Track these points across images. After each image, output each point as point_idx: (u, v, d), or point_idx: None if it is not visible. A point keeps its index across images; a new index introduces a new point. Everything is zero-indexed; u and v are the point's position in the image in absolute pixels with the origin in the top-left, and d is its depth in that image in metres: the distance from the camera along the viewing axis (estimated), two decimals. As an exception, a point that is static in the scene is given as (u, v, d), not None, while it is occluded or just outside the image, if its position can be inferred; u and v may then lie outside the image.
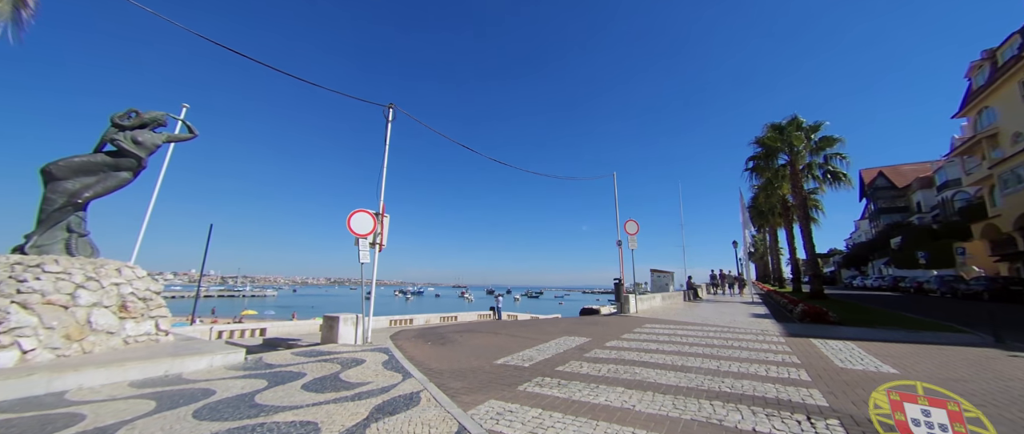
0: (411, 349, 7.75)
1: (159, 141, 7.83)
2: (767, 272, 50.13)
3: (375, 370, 5.82)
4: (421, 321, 18.78)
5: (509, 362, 6.42)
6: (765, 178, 25.62)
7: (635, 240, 15.81)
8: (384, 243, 9.77)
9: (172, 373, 5.54)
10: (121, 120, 7.35)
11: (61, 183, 6.68)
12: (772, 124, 24.07)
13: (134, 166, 7.41)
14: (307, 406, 4.17)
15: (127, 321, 6.38)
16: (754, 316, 13.62)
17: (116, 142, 7.17)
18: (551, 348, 7.64)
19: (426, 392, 4.63)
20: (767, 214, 33.62)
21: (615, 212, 17.74)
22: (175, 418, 3.81)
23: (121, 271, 6.69)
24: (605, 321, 12.90)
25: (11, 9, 4.47)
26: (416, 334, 10.56)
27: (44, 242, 6.49)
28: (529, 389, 4.81)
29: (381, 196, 9.92)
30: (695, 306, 19.05)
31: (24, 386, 4.45)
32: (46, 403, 4.24)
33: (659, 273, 24.67)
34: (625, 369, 5.74)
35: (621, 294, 15.64)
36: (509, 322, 16.62)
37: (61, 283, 5.78)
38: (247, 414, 3.92)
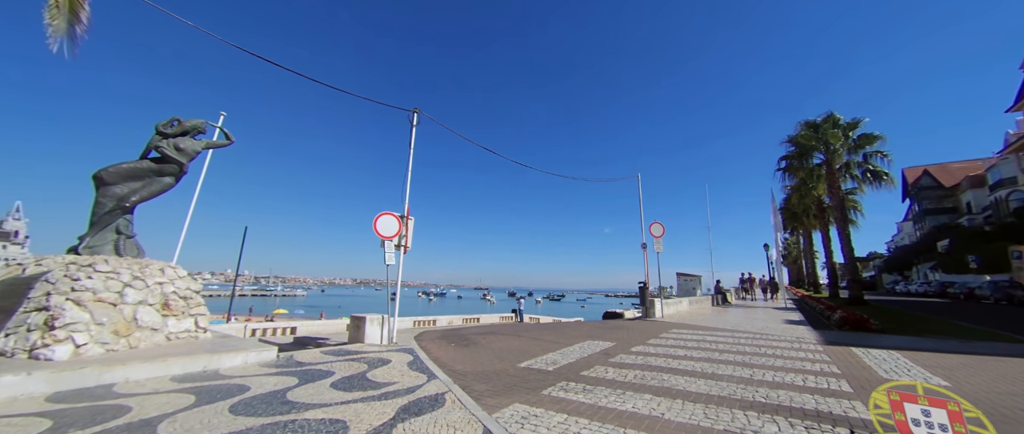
0: (435, 350, 7.82)
1: (199, 148, 8.23)
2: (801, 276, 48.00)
3: (401, 370, 5.89)
4: (444, 322, 18.97)
5: (533, 365, 6.37)
6: (799, 178, 24.55)
7: (661, 243, 15.45)
8: (409, 245, 9.92)
9: (210, 369, 5.79)
10: (165, 128, 7.77)
11: (111, 188, 7.12)
12: (806, 122, 23.07)
13: (176, 172, 7.82)
14: (336, 404, 4.26)
15: (169, 318, 6.71)
16: (788, 322, 13.05)
17: (160, 149, 7.59)
18: (575, 352, 7.54)
19: (451, 394, 4.64)
20: (801, 216, 32.21)
21: (639, 214, 17.41)
22: (213, 412, 3.97)
23: (164, 271, 7.06)
24: (630, 325, 12.65)
25: (66, 26, 4.79)
26: (440, 335, 10.65)
27: (95, 243, 6.92)
28: (554, 393, 4.75)
29: (406, 199, 10.08)
30: (724, 311, 18.43)
31: (77, 378, 4.75)
32: (96, 395, 4.50)
33: (686, 277, 24.03)
34: (652, 375, 5.60)
35: (646, 298, 15.30)
36: (531, 325, 16.55)
37: (110, 282, 6.14)
38: (279, 410, 4.04)
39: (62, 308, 5.47)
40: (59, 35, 4.80)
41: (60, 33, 4.79)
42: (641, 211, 17.40)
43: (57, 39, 4.74)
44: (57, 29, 4.76)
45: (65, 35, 4.85)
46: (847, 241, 21.16)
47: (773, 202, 24.46)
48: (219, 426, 3.61)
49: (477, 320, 20.80)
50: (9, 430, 3.43)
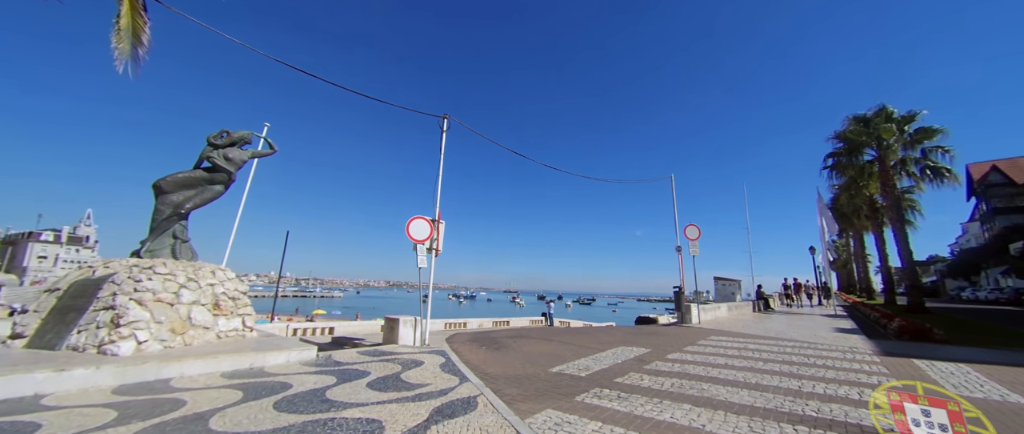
0: (466, 353, 7.87)
1: (246, 157, 8.73)
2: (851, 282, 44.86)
3: (433, 372, 5.97)
4: (474, 325, 19.10)
5: (565, 371, 6.28)
6: (848, 177, 22.98)
7: (697, 246, 14.89)
8: (440, 249, 10.07)
9: (256, 366, 6.09)
10: (215, 140, 8.30)
11: (168, 196, 7.67)
12: (855, 116, 21.58)
13: (226, 180, 8.33)
14: (372, 404, 4.36)
15: (219, 318, 7.13)
16: (839, 331, 12.20)
17: (211, 159, 8.11)
18: (608, 358, 7.37)
19: (483, 397, 4.64)
20: (851, 217, 30.11)
21: (673, 216, 16.88)
22: (259, 408, 4.16)
23: (215, 273, 7.51)
24: (664, 332, 12.24)
25: (130, 49, 5.18)
26: (470, 338, 10.72)
27: (155, 247, 7.47)
28: (587, 400, 4.65)
29: (437, 203, 10.25)
30: (767, 318, 17.50)
31: (139, 373, 5.12)
32: (156, 388, 4.84)
33: (724, 281, 23.03)
34: (691, 384, 5.37)
35: (681, 303, 14.77)
36: (562, 329, 16.37)
37: (168, 283, 6.60)
38: (319, 408, 4.18)
39: (126, 307, 5.92)
40: (124, 58, 5.20)
41: (124, 56, 5.19)
42: (675, 213, 16.87)
43: (122, 61, 5.14)
44: (122, 52, 5.16)
45: (129, 57, 5.25)
46: (904, 243, 19.57)
47: (820, 202, 23.02)
48: (264, 422, 3.77)
49: (507, 323, 20.81)
50: (81, 419, 3.74)
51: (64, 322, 5.99)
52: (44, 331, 6.00)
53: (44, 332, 5.99)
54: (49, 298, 6.51)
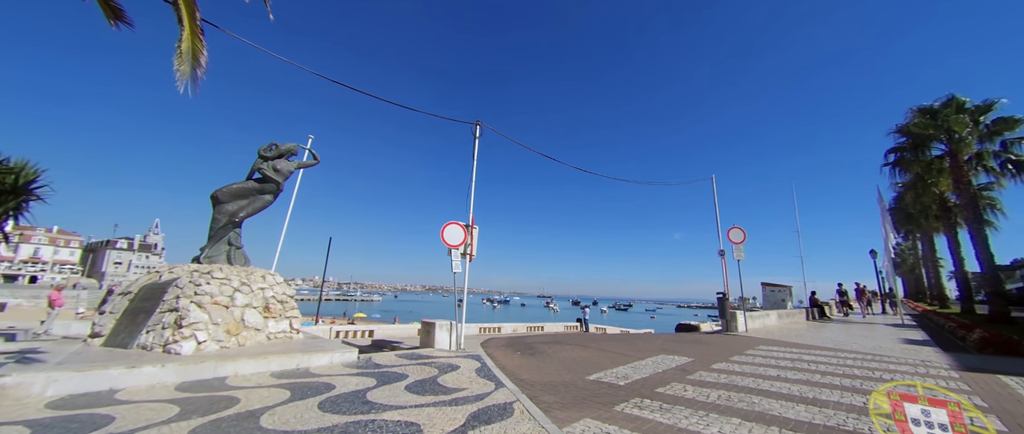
0: (501, 358, 7.84)
1: (292, 168, 9.23)
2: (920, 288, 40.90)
3: (469, 377, 5.98)
4: (509, 330, 19.09)
5: (602, 379, 6.10)
6: (913, 173, 21.02)
7: (742, 250, 14.12)
8: (474, 254, 10.15)
9: (302, 367, 6.36)
10: (265, 152, 8.83)
11: (224, 206, 8.23)
12: (920, 108, 19.76)
13: (274, 190, 8.83)
14: (410, 407, 4.42)
15: (269, 320, 7.53)
16: (908, 342, 11.12)
17: (262, 171, 8.63)
18: (648, 366, 7.09)
19: (519, 404, 4.59)
20: (918, 217, 27.47)
21: (715, 219, 16.13)
22: (305, 408, 4.33)
23: (265, 277, 7.95)
24: (708, 340, 11.67)
25: (190, 70, 5.58)
26: (505, 343, 10.70)
27: (213, 253, 8.02)
28: (627, 410, 4.48)
29: (470, 208, 10.35)
30: (822, 327, 16.28)
31: (197, 370, 5.48)
32: (213, 386, 5.15)
33: (773, 287, 21.68)
34: (740, 397, 5.05)
35: (726, 310, 14.03)
36: (598, 335, 16.01)
37: (224, 287, 7.06)
38: (360, 410, 4.29)
39: (188, 309, 6.38)
40: (185, 79, 5.61)
41: (185, 77, 5.60)
42: (717, 215, 16.12)
43: (183, 82, 5.55)
44: (182, 74, 5.58)
45: (189, 78, 5.65)
46: (983, 245, 17.58)
47: (881, 202, 21.21)
48: (310, 421, 3.91)
49: (541, 328, 20.64)
50: (148, 413, 4.04)
51: (135, 323, 6.54)
52: (118, 331, 6.58)
53: (118, 332, 6.57)
54: (122, 300, 7.14)
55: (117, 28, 5.54)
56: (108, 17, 5.43)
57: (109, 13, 5.42)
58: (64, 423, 3.72)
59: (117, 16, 5.48)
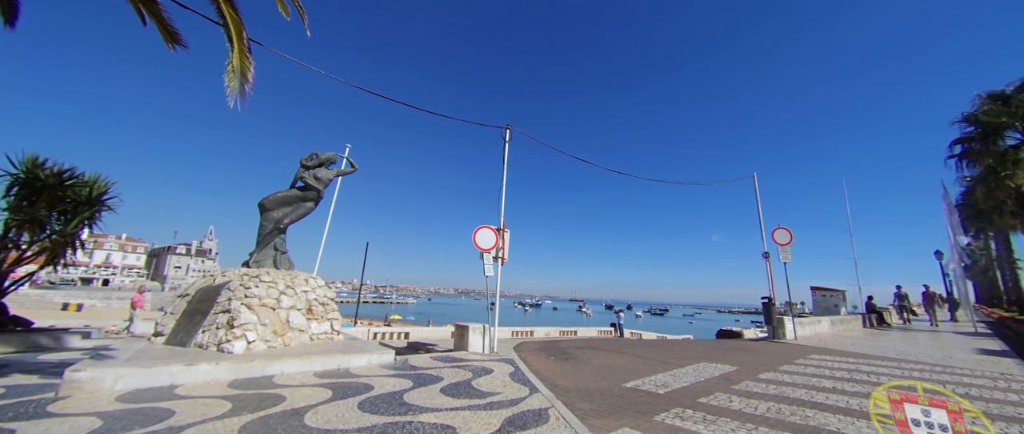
0: (535, 362, 7.78)
1: (331, 176, 9.62)
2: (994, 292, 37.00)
3: (503, 381, 5.96)
4: (541, 334, 18.97)
5: (640, 386, 5.90)
6: (984, 166, 19.06)
7: (788, 251, 13.32)
8: (506, 257, 10.16)
9: (342, 367, 6.58)
10: (306, 161, 9.26)
11: (270, 213, 8.68)
12: (990, 93, 17.97)
13: (315, 197, 9.24)
14: (446, 410, 4.45)
15: (312, 322, 7.85)
16: (983, 352, 10.06)
17: (304, 179, 9.05)
18: (688, 375, 6.80)
19: (554, 410, 4.51)
20: (990, 214, 24.86)
21: (758, 219, 15.33)
22: (346, 407, 4.46)
23: (308, 281, 8.31)
24: (752, 347, 11.07)
25: (239, 86, 5.93)
26: (538, 347, 10.62)
27: (260, 258, 8.47)
28: (669, 421, 4.30)
29: (501, 212, 10.38)
30: (881, 335, 15.05)
31: (247, 369, 5.79)
32: (261, 383, 5.42)
33: (824, 292, 20.30)
34: (792, 410, 4.73)
35: (772, 315, 13.26)
36: (633, 341, 15.58)
37: (270, 290, 7.43)
38: (398, 411, 4.36)
39: (239, 311, 6.77)
40: (234, 94, 5.97)
41: (234, 93, 5.96)
42: (760, 215, 15.32)
43: (233, 97, 5.91)
44: (232, 89, 5.94)
45: (238, 94, 6.00)
46: (1074, 246, 15.65)
47: (946, 198, 19.41)
48: (351, 421, 4.02)
49: (574, 333, 20.36)
50: (204, 409, 4.30)
51: (192, 323, 7.01)
52: (177, 330, 7.08)
53: (177, 331, 7.06)
54: (181, 302, 7.68)
55: (174, 50, 6.00)
56: (166, 41, 5.89)
57: (167, 37, 5.87)
58: (130, 416, 4.02)
59: (174, 39, 5.94)
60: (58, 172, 8.84)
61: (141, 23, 5.68)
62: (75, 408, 4.22)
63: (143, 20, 5.67)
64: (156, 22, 5.74)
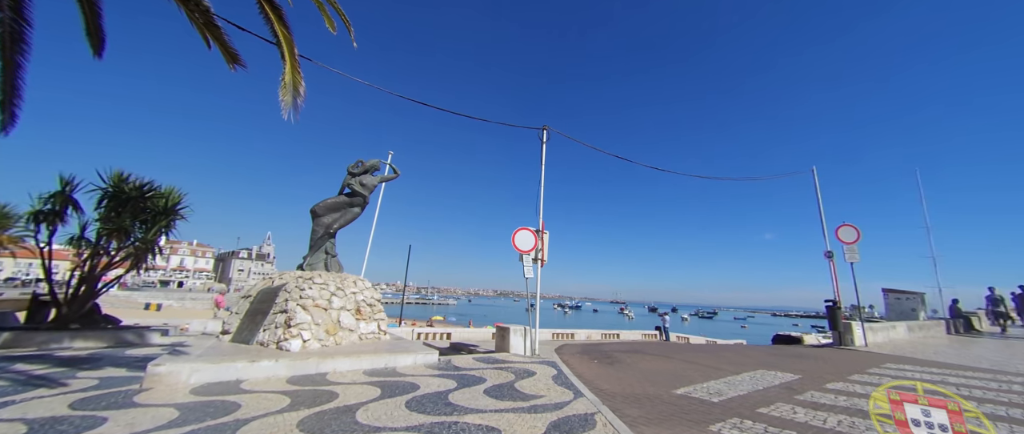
0: (578, 365, 7.63)
1: (376, 182, 10.00)
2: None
3: (546, 384, 5.89)
4: (582, 337, 18.63)
5: (692, 393, 5.60)
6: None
7: (855, 250, 12.22)
8: (545, 259, 10.07)
9: (389, 366, 6.79)
10: (353, 169, 9.69)
11: (321, 218, 9.15)
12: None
13: (362, 203, 9.64)
14: (490, 412, 4.44)
15: (360, 322, 8.18)
16: (1104, 365, 8.67)
17: (350, 186, 9.47)
18: (745, 383, 6.38)
19: (601, 416, 4.38)
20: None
21: (818, 216, 14.20)
22: (394, 405, 4.58)
23: (356, 282, 8.66)
24: (816, 355, 10.23)
25: (292, 99, 6.29)
26: (580, 350, 10.42)
27: (313, 261, 8.94)
28: (725, 431, 4.04)
29: (540, 213, 10.31)
30: (970, 343, 13.41)
31: (303, 366, 6.10)
32: (315, 380, 5.70)
33: (899, 294, 18.41)
34: (867, 425, 4.28)
35: (838, 320, 12.20)
36: (681, 345, 14.92)
37: (322, 291, 7.82)
38: (443, 411, 4.42)
39: (295, 311, 7.17)
40: (288, 107, 6.35)
41: (288, 106, 6.33)
42: (821, 211, 14.18)
43: (287, 110, 6.28)
44: (286, 103, 6.31)
45: (291, 107, 6.37)
46: None
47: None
48: (399, 419, 4.12)
49: (617, 336, 19.84)
50: (265, 403, 4.57)
51: (254, 322, 7.52)
52: (242, 329, 7.62)
53: (242, 329, 7.60)
54: (245, 303, 8.27)
55: (234, 70, 6.47)
56: (228, 62, 6.36)
57: (229, 58, 6.34)
58: (202, 408, 4.35)
59: (235, 60, 6.40)
60: (139, 185, 9.84)
61: (206, 47, 6.18)
62: (156, 399, 4.63)
63: (208, 44, 6.17)
64: (219, 45, 6.22)
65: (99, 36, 6.08)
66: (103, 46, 6.06)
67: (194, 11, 5.75)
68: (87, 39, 6.25)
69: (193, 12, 5.77)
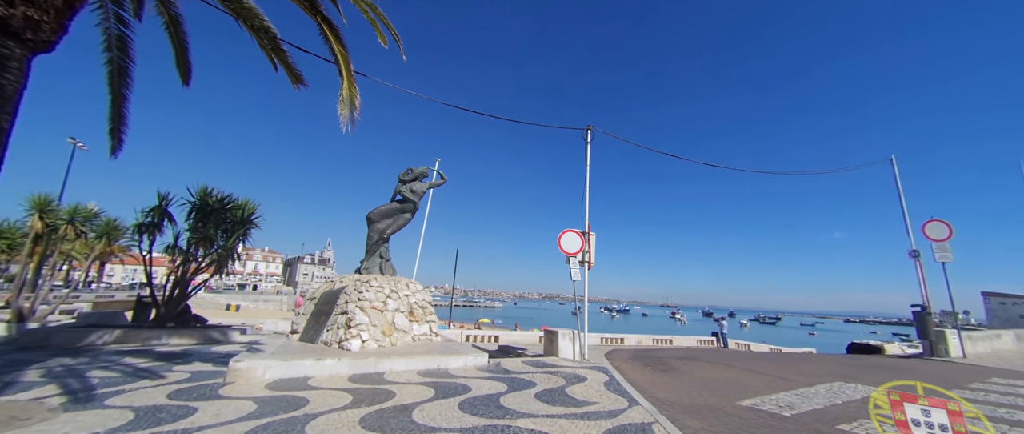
0: (630, 372, 7.40)
1: (425, 189, 10.38)
2: None
3: (598, 390, 5.76)
4: (633, 341, 18.06)
5: (759, 405, 5.23)
6: None
7: (947, 249, 10.82)
8: (593, 261, 9.88)
9: (441, 367, 6.98)
10: (403, 176, 10.12)
11: (375, 225, 9.64)
12: None
13: (412, 209, 10.03)
14: (542, 417, 4.42)
15: (413, 323, 8.49)
16: None
17: (402, 193, 9.90)
18: (820, 395, 5.85)
19: (659, 426, 4.21)
20: None
21: (900, 210, 12.76)
22: (447, 406, 4.70)
23: (408, 285, 9.02)
24: (902, 366, 9.17)
25: (349, 113, 6.68)
26: (631, 355, 10.10)
27: (369, 265, 9.43)
28: (799, 447, 3.72)
29: (586, 215, 10.13)
30: (1103, 356, 11.35)
31: (363, 365, 6.44)
32: (374, 379, 5.99)
33: (1004, 298, 16.08)
34: (973, 447, 3.76)
35: (929, 328, 10.85)
36: (741, 353, 14.00)
37: (378, 294, 8.21)
38: (496, 414, 4.46)
39: (354, 313, 7.60)
40: (346, 121, 6.76)
41: (346, 119, 6.75)
42: (903, 205, 12.74)
43: (345, 123, 6.69)
44: (343, 117, 6.73)
45: (348, 120, 6.78)
46: None
47: None
48: (453, 420, 4.22)
49: (669, 341, 19.01)
50: (330, 399, 4.87)
51: (319, 323, 8.06)
52: (308, 329, 8.20)
53: (308, 329, 8.18)
54: (309, 304, 8.89)
55: (298, 89, 7.01)
56: (293, 82, 6.90)
57: (293, 79, 6.88)
58: (276, 402, 4.73)
59: (299, 80, 6.94)
60: (221, 198, 10.92)
61: (273, 70, 6.76)
62: (237, 392, 5.10)
63: (275, 67, 6.74)
64: (285, 67, 6.78)
65: (187, 67, 6.83)
66: (190, 76, 6.80)
67: (263, 38, 6.31)
68: (177, 70, 7.05)
69: (262, 39, 6.33)
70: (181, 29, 6.81)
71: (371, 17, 6.71)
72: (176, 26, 6.73)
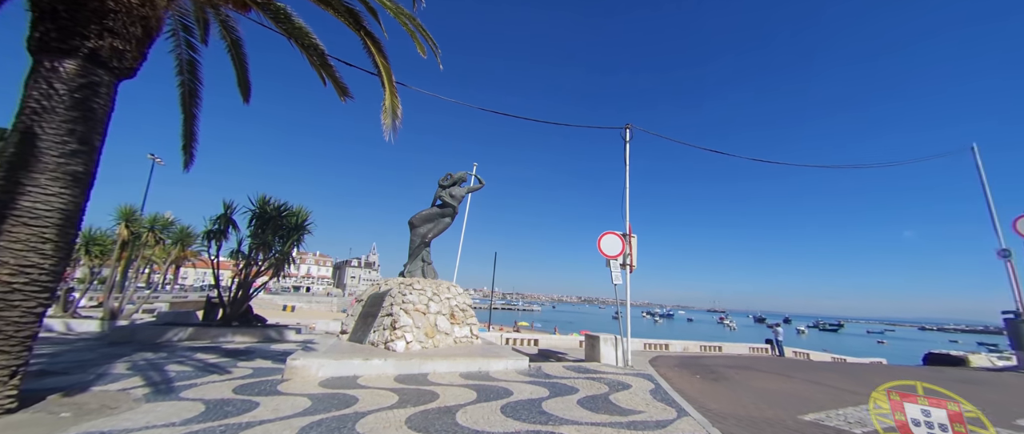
0: (677, 380, 7.10)
1: (463, 193, 10.56)
2: None
3: (643, 398, 5.57)
4: (678, 348, 17.32)
5: (824, 421, 4.83)
6: None
7: (1049, 249, 9.50)
8: (634, 264, 9.60)
9: (482, 370, 7.04)
10: (443, 182, 10.35)
11: (417, 229, 9.92)
12: None
13: (452, 213, 10.24)
14: (586, 424, 4.33)
15: (455, 326, 8.63)
16: None
17: (442, 198, 10.13)
18: (893, 411, 5.31)
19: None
20: None
21: (986, 202, 11.37)
22: (490, 410, 4.72)
23: (449, 288, 9.19)
24: (993, 380, 8.14)
25: (392, 122, 6.93)
26: (677, 363, 9.69)
27: (412, 269, 9.71)
28: (873, 469, 3.39)
29: (626, 216, 9.88)
30: None
31: (407, 366, 6.62)
32: (418, 380, 6.14)
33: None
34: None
35: (1023, 337, 9.58)
36: (800, 362, 13.04)
37: (421, 297, 8.43)
38: (538, 420, 4.42)
39: (399, 315, 7.84)
40: (388, 129, 7.03)
41: (388, 128, 7.01)
42: (988, 199, 11.36)
43: (387, 132, 6.95)
44: (386, 126, 7.00)
45: (391, 129, 7.03)
46: None
47: None
48: (496, 424, 4.23)
49: (718, 349, 18.04)
50: (378, 399, 5.04)
51: (366, 324, 8.40)
52: (356, 329, 8.56)
53: (356, 330, 8.54)
54: (358, 306, 9.29)
55: (345, 101, 7.38)
56: (340, 95, 7.27)
57: (340, 92, 7.25)
58: (328, 399, 4.96)
59: (345, 92, 7.30)
60: (278, 206, 11.72)
61: (322, 84, 7.16)
62: (293, 389, 5.41)
63: (323, 81, 7.14)
64: (332, 81, 7.16)
65: (247, 87, 7.37)
66: (250, 94, 7.33)
67: (313, 54, 6.70)
68: (238, 89, 7.63)
69: (312, 56, 6.72)
70: (241, 51, 7.39)
71: (410, 29, 6.94)
72: (237, 49, 7.31)
